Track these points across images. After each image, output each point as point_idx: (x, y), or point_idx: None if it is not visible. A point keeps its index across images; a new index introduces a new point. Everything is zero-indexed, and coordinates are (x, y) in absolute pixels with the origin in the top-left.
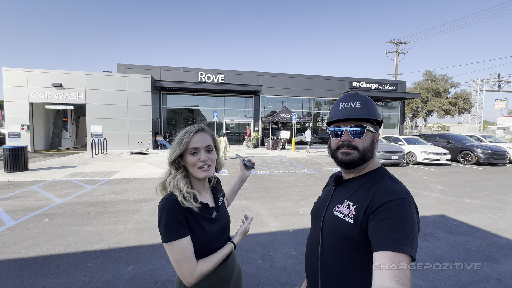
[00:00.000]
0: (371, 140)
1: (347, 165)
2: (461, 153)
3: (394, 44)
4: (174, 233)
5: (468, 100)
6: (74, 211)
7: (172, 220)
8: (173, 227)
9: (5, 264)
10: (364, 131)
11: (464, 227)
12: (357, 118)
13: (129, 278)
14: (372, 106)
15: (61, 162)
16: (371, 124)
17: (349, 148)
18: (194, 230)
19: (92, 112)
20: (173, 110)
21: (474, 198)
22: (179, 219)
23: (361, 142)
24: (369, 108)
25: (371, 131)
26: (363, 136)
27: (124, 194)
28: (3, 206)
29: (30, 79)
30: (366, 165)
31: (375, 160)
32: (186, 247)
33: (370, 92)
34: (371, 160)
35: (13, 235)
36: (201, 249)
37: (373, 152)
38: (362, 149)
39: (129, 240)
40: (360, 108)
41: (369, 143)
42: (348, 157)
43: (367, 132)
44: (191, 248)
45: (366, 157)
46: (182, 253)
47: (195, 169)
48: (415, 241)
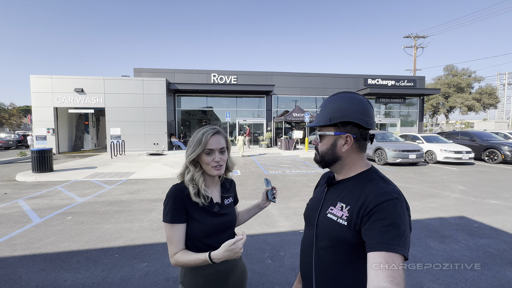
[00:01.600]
0: (330, 144)
1: (317, 164)
2: (485, 151)
3: (412, 38)
4: (169, 218)
5: (494, 95)
6: (94, 209)
7: (171, 206)
8: (170, 212)
9: (31, 258)
10: (318, 137)
11: (486, 229)
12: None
13: (143, 275)
14: (332, 109)
15: (82, 164)
16: (332, 128)
17: (316, 150)
18: (195, 218)
19: (111, 115)
20: (187, 111)
21: (498, 199)
22: (177, 208)
23: (320, 146)
24: (328, 112)
25: (330, 135)
26: (321, 141)
27: (140, 194)
28: (30, 204)
29: (55, 85)
30: (348, 166)
31: (362, 161)
32: (175, 232)
33: (386, 89)
34: (340, 161)
35: (39, 231)
36: (199, 237)
37: (336, 155)
38: (321, 152)
39: (143, 238)
40: (319, 114)
41: (327, 146)
42: (314, 157)
43: (323, 136)
44: (179, 235)
45: (326, 159)
46: (170, 235)
47: (209, 167)
48: (407, 241)
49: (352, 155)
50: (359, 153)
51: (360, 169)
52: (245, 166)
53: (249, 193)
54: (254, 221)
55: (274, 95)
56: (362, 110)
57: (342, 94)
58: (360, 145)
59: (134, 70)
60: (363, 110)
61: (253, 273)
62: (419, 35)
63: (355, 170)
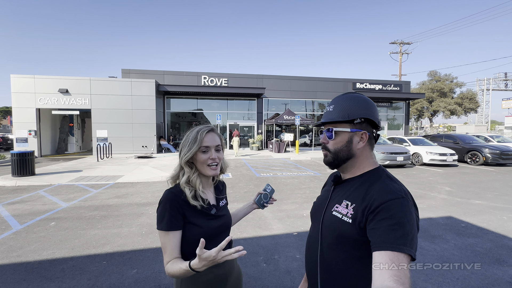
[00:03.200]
0: (345, 141)
1: (328, 166)
2: (468, 154)
3: (398, 44)
4: (165, 225)
5: (474, 99)
6: (79, 215)
7: (168, 212)
8: (167, 218)
9: (11, 268)
10: (333, 133)
11: (473, 229)
12: (328, 121)
13: (132, 282)
14: (351, 106)
15: (67, 167)
16: (348, 124)
17: (325, 150)
18: (193, 222)
19: (98, 117)
20: (177, 114)
21: (482, 199)
22: (174, 214)
23: (332, 144)
24: (346, 109)
25: (345, 131)
26: (334, 138)
27: (129, 197)
28: (10, 210)
29: (37, 85)
30: (358, 165)
31: (371, 159)
32: (170, 240)
33: (373, 93)
34: (354, 159)
35: (19, 239)
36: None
37: (351, 152)
38: (333, 150)
39: (133, 243)
40: (332, 111)
41: (343, 144)
42: (325, 159)
43: (338, 133)
44: (174, 242)
45: (340, 157)
46: (165, 243)
47: (204, 166)
48: (414, 241)
49: (364, 153)
50: (370, 151)
51: (368, 167)
52: (236, 168)
53: (241, 196)
54: (247, 224)
55: (265, 98)
56: (373, 110)
57: (353, 94)
58: (371, 144)
59: (122, 71)
60: (374, 110)
61: (247, 277)
62: (404, 41)
63: (363, 169)
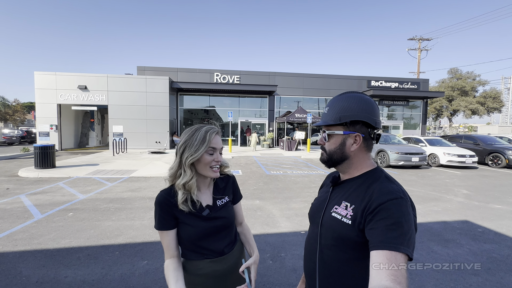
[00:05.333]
0: (339, 143)
1: (323, 163)
2: (489, 156)
3: (416, 40)
4: (157, 225)
5: (498, 99)
6: (95, 206)
7: (158, 214)
8: (157, 219)
9: (32, 254)
10: (326, 136)
11: (490, 234)
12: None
13: (142, 273)
14: (343, 108)
15: (85, 160)
16: (341, 127)
17: (322, 149)
18: (186, 222)
19: (114, 113)
20: (189, 110)
21: (503, 204)
22: (163, 215)
23: (328, 145)
24: (337, 111)
25: (339, 134)
26: (329, 140)
27: (142, 191)
28: (32, 200)
29: (59, 82)
30: (355, 166)
31: (368, 161)
32: (163, 238)
33: (389, 91)
34: (347, 160)
35: (40, 227)
36: (193, 240)
37: (344, 154)
38: (328, 151)
39: (144, 236)
40: (326, 113)
41: (336, 146)
42: (321, 157)
43: (331, 135)
44: (168, 240)
45: (334, 159)
46: (163, 242)
47: (207, 168)
48: (412, 241)
49: (359, 154)
50: (366, 152)
51: (366, 168)
52: (247, 166)
53: (250, 193)
54: (256, 222)
55: (277, 96)
56: (370, 110)
57: (350, 94)
58: (368, 145)
59: (137, 68)
60: (371, 109)
61: None
62: (423, 37)
63: (361, 170)
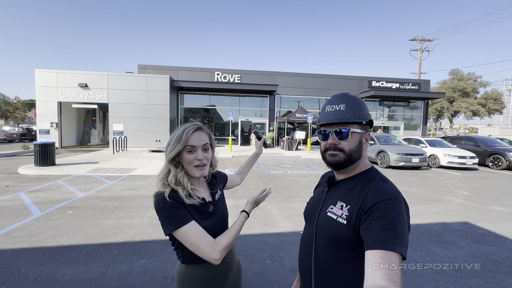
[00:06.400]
0: (358, 142)
1: (334, 166)
2: (490, 157)
3: (418, 41)
4: (179, 220)
5: (499, 100)
6: (94, 204)
7: (173, 209)
8: (176, 215)
9: (30, 251)
10: (349, 133)
11: (491, 236)
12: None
13: (141, 271)
14: (358, 107)
15: (85, 158)
16: (358, 125)
17: (336, 150)
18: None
19: (114, 111)
20: (190, 109)
21: (503, 206)
22: (178, 207)
23: (347, 144)
24: (355, 109)
25: (358, 132)
26: (349, 138)
27: (141, 190)
28: (32, 198)
29: (59, 80)
30: (356, 166)
31: (365, 160)
32: (195, 228)
33: (390, 92)
34: (360, 160)
35: (39, 225)
36: None
37: (361, 153)
38: (348, 150)
39: (143, 234)
40: (344, 110)
41: (356, 144)
42: (334, 159)
43: (352, 134)
44: (200, 228)
45: (353, 158)
46: (194, 234)
47: (191, 167)
48: (405, 240)
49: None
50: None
51: (362, 168)
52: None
53: (250, 192)
54: (255, 221)
55: (278, 95)
56: (368, 110)
57: (352, 95)
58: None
59: (138, 66)
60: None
61: (252, 273)
62: (425, 38)
63: (357, 170)
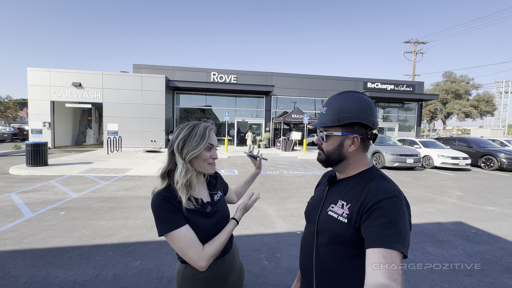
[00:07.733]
0: (336, 144)
1: (320, 163)
2: (482, 158)
3: (412, 43)
4: (170, 224)
5: (491, 102)
6: (88, 205)
7: (166, 212)
8: (168, 218)
9: (21, 253)
10: (324, 137)
11: (484, 235)
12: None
13: (136, 273)
14: (341, 109)
15: (78, 158)
16: (339, 128)
17: (320, 149)
18: (191, 221)
19: (109, 111)
20: (185, 109)
21: (495, 206)
22: (173, 211)
23: (325, 146)
24: (336, 113)
25: (337, 135)
26: (326, 141)
27: (136, 190)
28: (23, 198)
29: (52, 79)
30: (351, 166)
31: (365, 160)
32: (185, 234)
33: (385, 93)
34: (345, 161)
35: (30, 226)
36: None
37: (342, 155)
38: (326, 152)
39: (138, 235)
40: (324, 114)
41: (333, 147)
42: (318, 157)
43: (329, 137)
44: (191, 234)
45: (332, 159)
46: (183, 240)
47: (205, 164)
48: (406, 239)
49: (356, 154)
50: (363, 152)
51: (362, 167)
52: (243, 165)
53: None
54: (251, 222)
55: (274, 96)
56: (368, 111)
57: (348, 94)
58: (365, 145)
59: (133, 66)
60: (369, 110)
61: (249, 274)
62: (419, 40)
63: (357, 169)
